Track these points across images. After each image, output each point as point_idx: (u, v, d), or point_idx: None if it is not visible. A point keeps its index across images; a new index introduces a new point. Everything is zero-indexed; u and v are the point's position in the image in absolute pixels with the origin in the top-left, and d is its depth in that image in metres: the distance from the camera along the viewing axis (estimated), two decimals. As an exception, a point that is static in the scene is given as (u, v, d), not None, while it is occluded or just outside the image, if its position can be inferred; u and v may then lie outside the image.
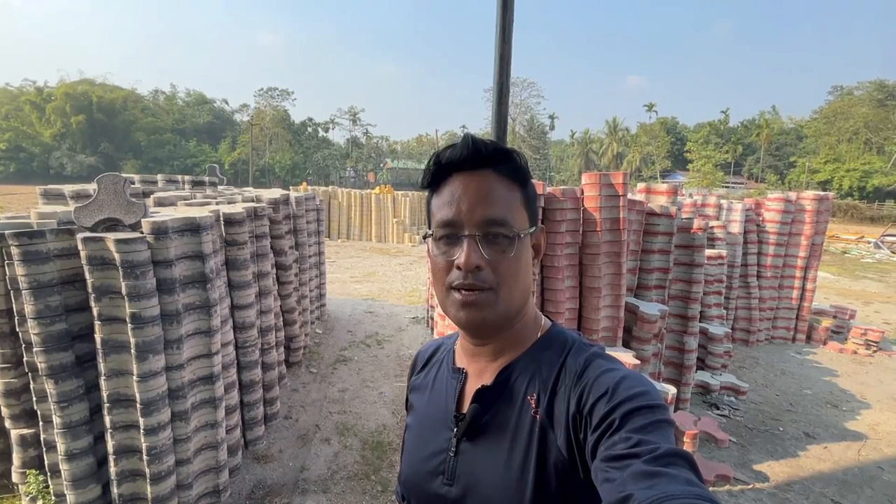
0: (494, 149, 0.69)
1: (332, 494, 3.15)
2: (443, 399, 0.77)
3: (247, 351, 3.40)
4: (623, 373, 0.63)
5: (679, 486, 0.47)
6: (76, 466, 2.47)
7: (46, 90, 48.98)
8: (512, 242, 0.67)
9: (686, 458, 0.51)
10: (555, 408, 0.65)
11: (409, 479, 0.79)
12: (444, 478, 0.71)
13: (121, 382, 2.47)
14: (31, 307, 2.28)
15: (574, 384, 0.64)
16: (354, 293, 8.83)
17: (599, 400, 0.60)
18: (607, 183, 3.31)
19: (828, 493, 3.35)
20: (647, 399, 0.58)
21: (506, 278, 0.67)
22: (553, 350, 0.71)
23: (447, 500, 0.71)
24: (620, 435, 0.55)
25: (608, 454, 0.54)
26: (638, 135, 54.09)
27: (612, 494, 0.50)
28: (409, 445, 0.82)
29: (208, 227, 2.70)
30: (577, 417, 0.62)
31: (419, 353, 0.92)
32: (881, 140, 42.74)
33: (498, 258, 0.66)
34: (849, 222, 31.58)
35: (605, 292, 3.42)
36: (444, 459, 0.72)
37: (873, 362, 6.05)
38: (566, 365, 0.68)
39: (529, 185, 0.72)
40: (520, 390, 0.69)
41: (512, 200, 0.69)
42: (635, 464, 0.50)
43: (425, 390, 0.83)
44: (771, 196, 6.60)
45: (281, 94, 55.61)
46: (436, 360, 0.86)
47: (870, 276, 13.10)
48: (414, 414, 0.85)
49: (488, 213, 0.67)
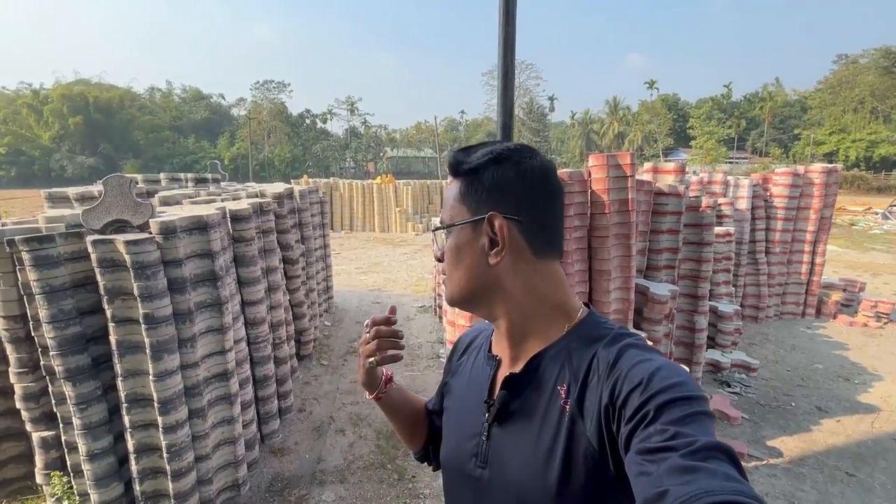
0: (456, 160, 0.75)
1: (350, 484, 3.19)
2: (477, 384, 0.80)
3: (259, 346, 3.42)
4: (658, 363, 0.61)
5: (718, 482, 0.45)
6: (98, 466, 2.51)
7: (43, 92, 48.76)
8: (447, 235, 0.75)
9: (726, 452, 0.49)
10: (586, 399, 0.65)
11: (447, 459, 0.83)
12: (478, 460, 0.75)
13: (137, 382, 2.49)
14: (45, 311, 2.29)
15: (607, 375, 0.63)
16: (360, 284, 8.86)
17: (633, 391, 0.58)
18: (615, 164, 3.26)
19: (842, 467, 3.37)
20: (683, 390, 0.56)
21: (446, 266, 0.76)
22: (586, 340, 0.70)
23: (480, 482, 0.74)
24: (655, 427, 0.53)
25: (643, 447, 0.53)
26: (639, 113, 53.39)
27: (647, 489, 0.49)
28: (448, 427, 0.86)
29: (216, 225, 2.70)
30: (610, 409, 0.60)
31: (461, 338, 0.96)
32: (888, 108, 41.97)
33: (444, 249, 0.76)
34: (855, 193, 31.22)
35: (615, 275, 3.40)
36: (478, 443, 0.75)
37: (884, 334, 6.03)
38: (598, 355, 0.67)
39: (467, 179, 0.73)
40: (549, 380, 0.69)
41: (449, 198, 0.76)
42: (672, 457, 0.49)
43: (464, 375, 0.87)
44: (778, 170, 6.52)
45: (277, 87, 55.19)
46: (475, 345, 0.89)
47: (878, 247, 12.99)
48: (451, 397, 0.89)
49: (441, 213, 0.79)
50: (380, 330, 0.88)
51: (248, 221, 3.18)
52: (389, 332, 0.89)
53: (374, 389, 0.96)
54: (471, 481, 0.76)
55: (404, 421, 1.01)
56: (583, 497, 0.63)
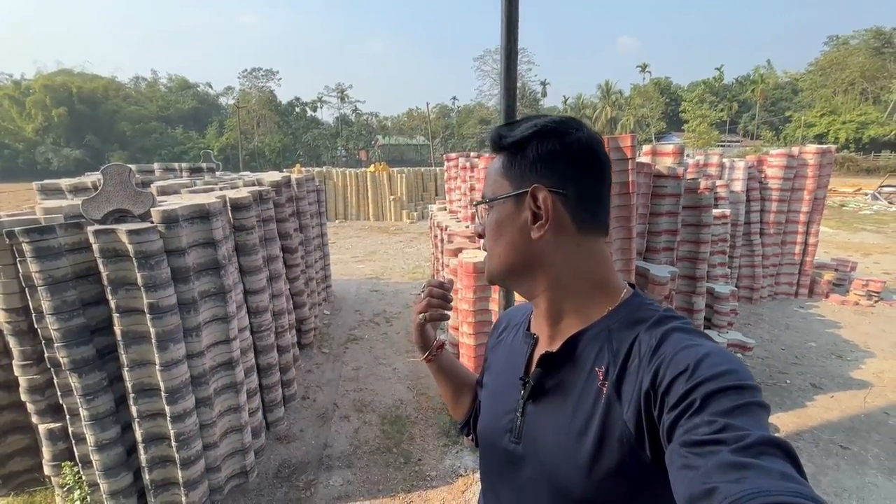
0: (498, 134, 0.74)
1: (357, 469, 3.23)
2: (515, 361, 0.81)
3: (262, 335, 3.42)
4: (707, 348, 0.57)
5: (772, 481, 0.42)
6: (107, 456, 2.51)
7: (24, 83, 47.47)
8: (490, 210, 0.75)
9: (783, 448, 0.46)
10: (624, 382, 0.62)
11: (484, 433, 0.84)
12: (512, 435, 0.75)
13: (144, 372, 2.48)
14: (48, 303, 2.27)
15: (649, 359, 0.60)
16: (358, 273, 8.85)
17: (678, 377, 0.55)
18: (615, 146, 3.26)
19: (836, 441, 3.46)
20: (734, 378, 0.52)
21: (488, 242, 0.76)
22: (628, 322, 0.68)
23: (514, 457, 0.75)
24: (703, 417, 0.50)
25: (689, 439, 0.49)
26: (632, 97, 53.19)
27: (693, 485, 0.46)
28: (486, 402, 0.87)
29: (217, 214, 2.67)
30: (651, 394, 0.57)
31: (502, 316, 0.98)
32: (877, 89, 42.19)
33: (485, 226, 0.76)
34: (845, 175, 31.51)
35: (616, 257, 3.43)
36: (512, 419, 0.76)
37: (875, 312, 6.15)
38: (640, 338, 0.64)
39: (510, 154, 0.73)
40: (587, 360, 0.68)
41: (492, 172, 0.75)
42: (722, 452, 0.46)
43: (502, 351, 0.88)
44: (773, 152, 6.56)
45: (266, 75, 54.15)
46: (515, 323, 0.89)
47: (868, 227, 13.17)
48: (489, 373, 0.90)
49: (483, 188, 0.78)
50: (433, 290, 0.92)
51: (248, 210, 3.16)
52: (440, 294, 0.93)
53: (425, 351, 1.00)
54: (505, 455, 0.77)
55: (451, 388, 1.03)
56: (615, 479, 0.62)
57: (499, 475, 0.80)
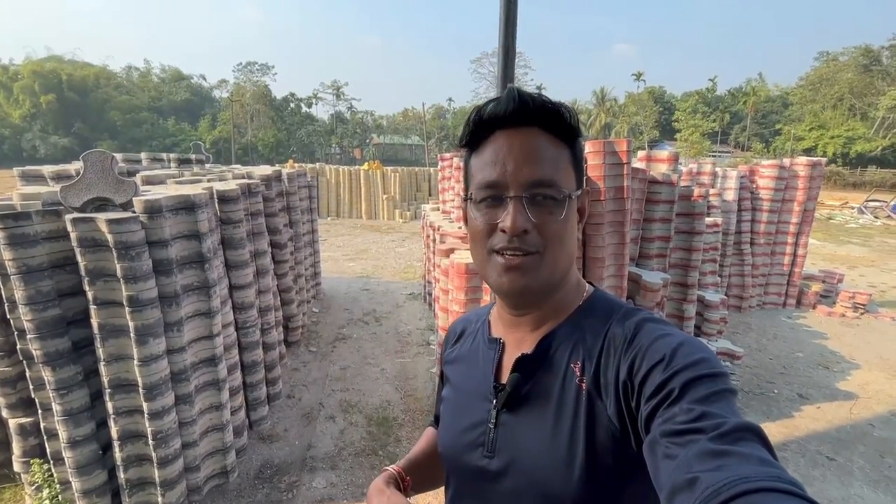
0: (542, 103, 0.64)
1: (341, 471, 3.16)
2: (480, 370, 0.75)
3: (247, 331, 3.34)
4: (680, 338, 0.58)
5: (752, 467, 0.42)
6: (80, 454, 2.42)
7: (13, 68, 46.53)
8: (560, 205, 0.64)
9: (756, 433, 0.46)
10: (601, 375, 0.61)
11: (447, 452, 0.77)
12: (485, 450, 0.69)
13: (121, 367, 2.40)
14: (22, 293, 2.18)
15: (624, 350, 0.60)
16: (349, 271, 8.76)
17: (655, 367, 0.55)
18: (611, 151, 3.24)
19: (823, 451, 3.46)
20: (708, 367, 0.53)
21: (552, 242, 0.64)
22: (597, 316, 0.67)
23: (487, 472, 0.69)
24: (681, 406, 0.50)
25: (668, 428, 0.49)
26: (626, 105, 53.65)
27: (676, 475, 0.46)
28: (447, 418, 0.80)
29: (203, 205, 2.59)
30: (629, 385, 0.57)
31: (452, 327, 0.90)
32: (865, 105, 42.93)
33: (545, 221, 0.63)
34: (833, 188, 32.02)
35: (609, 262, 3.40)
36: (483, 431, 0.70)
37: (861, 324, 6.21)
38: (612, 331, 0.64)
39: (578, 144, 0.68)
40: (562, 359, 0.66)
41: (559, 160, 0.65)
42: (700, 441, 0.46)
43: (461, 362, 0.81)
44: (765, 163, 6.61)
45: (261, 69, 53.81)
46: (470, 331, 0.84)
47: (854, 240, 13.37)
48: (450, 386, 0.83)
49: (536, 174, 0.63)
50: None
51: (236, 203, 3.08)
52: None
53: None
54: (477, 472, 0.70)
55: (437, 470, 0.87)
56: (607, 476, 0.60)
57: (472, 495, 0.73)
